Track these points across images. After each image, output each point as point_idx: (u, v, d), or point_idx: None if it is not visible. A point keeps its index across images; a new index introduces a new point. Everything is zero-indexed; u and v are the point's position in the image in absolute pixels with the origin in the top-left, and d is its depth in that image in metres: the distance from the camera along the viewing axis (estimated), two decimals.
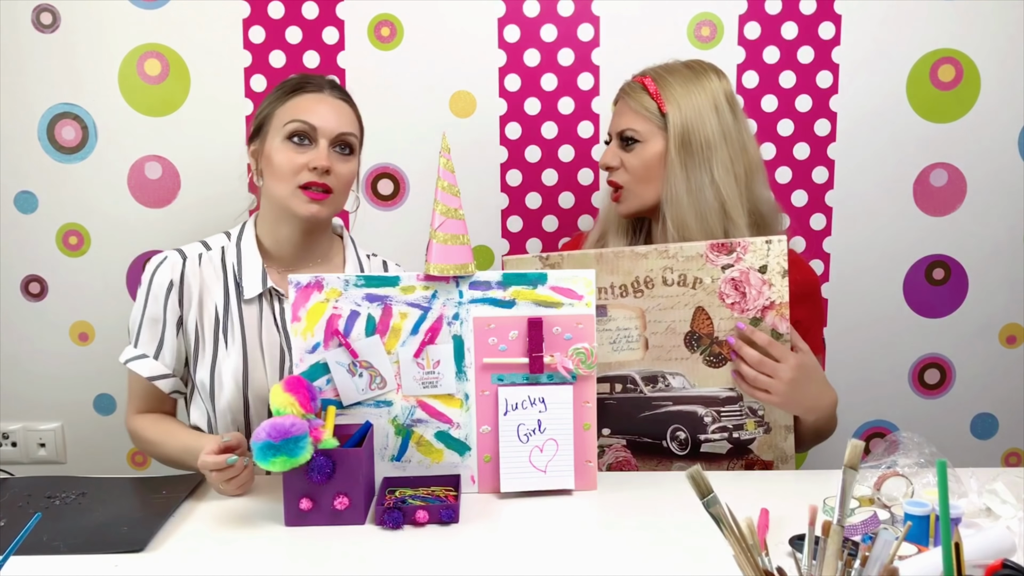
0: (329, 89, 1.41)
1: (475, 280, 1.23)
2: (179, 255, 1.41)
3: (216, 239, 1.44)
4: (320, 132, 1.35)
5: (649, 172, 1.43)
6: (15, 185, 1.82)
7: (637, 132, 1.43)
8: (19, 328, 1.87)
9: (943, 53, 1.77)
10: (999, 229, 1.84)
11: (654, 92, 1.42)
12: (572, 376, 1.23)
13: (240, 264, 1.40)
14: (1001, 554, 0.93)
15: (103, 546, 1.07)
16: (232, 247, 1.42)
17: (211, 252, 1.42)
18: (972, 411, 1.92)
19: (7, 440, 1.90)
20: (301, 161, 1.34)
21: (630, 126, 1.43)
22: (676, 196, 1.40)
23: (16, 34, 1.77)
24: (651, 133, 1.42)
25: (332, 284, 1.23)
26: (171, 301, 1.38)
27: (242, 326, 1.39)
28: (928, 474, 1.15)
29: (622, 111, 1.46)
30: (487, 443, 1.25)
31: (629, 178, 1.44)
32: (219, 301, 1.39)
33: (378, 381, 1.24)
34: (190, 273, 1.39)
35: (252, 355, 1.38)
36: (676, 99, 1.40)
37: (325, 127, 1.35)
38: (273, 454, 1.08)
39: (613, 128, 1.47)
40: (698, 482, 0.77)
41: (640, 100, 1.43)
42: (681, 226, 1.39)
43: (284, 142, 1.35)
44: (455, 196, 1.21)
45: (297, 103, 1.37)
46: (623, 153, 1.45)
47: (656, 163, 1.42)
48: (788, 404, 1.33)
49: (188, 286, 1.39)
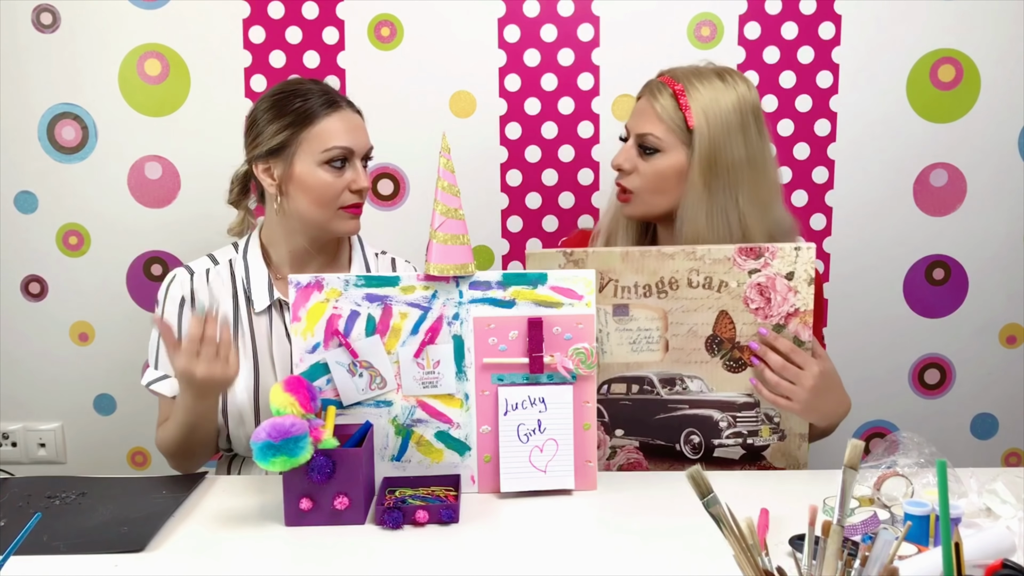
0: (346, 104, 1.41)
1: (475, 280, 1.23)
2: (187, 271, 1.43)
3: (224, 252, 1.46)
4: (354, 154, 1.37)
5: (665, 184, 1.38)
6: (15, 185, 1.83)
7: (659, 140, 1.36)
8: (19, 328, 1.87)
9: (943, 53, 1.77)
10: (999, 229, 1.84)
11: (683, 104, 1.34)
12: (572, 376, 1.23)
13: (248, 277, 1.42)
14: (1001, 554, 0.93)
15: (103, 546, 1.07)
16: (240, 260, 1.44)
17: (219, 267, 1.44)
18: (972, 411, 1.92)
19: (7, 440, 1.90)
20: (341, 184, 1.36)
21: (652, 132, 1.37)
22: (694, 216, 1.35)
23: (16, 34, 1.77)
24: (673, 144, 1.36)
25: (332, 284, 1.23)
26: (185, 316, 1.40)
27: (253, 338, 1.41)
28: (928, 474, 1.15)
29: (645, 112, 1.39)
30: (487, 443, 1.25)
31: (641, 185, 1.39)
32: (229, 315, 1.41)
33: (378, 381, 1.24)
34: (199, 287, 1.41)
35: (263, 366, 1.40)
36: (704, 114, 1.34)
37: (359, 148, 1.38)
38: (273, 454, 1.08)
39: (633, 127, 1.41)
40: (698, 482, 0.77)
41: (666, 107, 1.36)
42: (695, 242, 1.34)
43: (321, 167, 1.36)
44: (455, 196, 1.21)
45: (326, 127, 1.36)
46: (639, 159, 1.39)
47: (673, 176, 1.37)
48: (808, 411, 1.31)
49: (199, 300, 1.40)
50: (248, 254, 1.44)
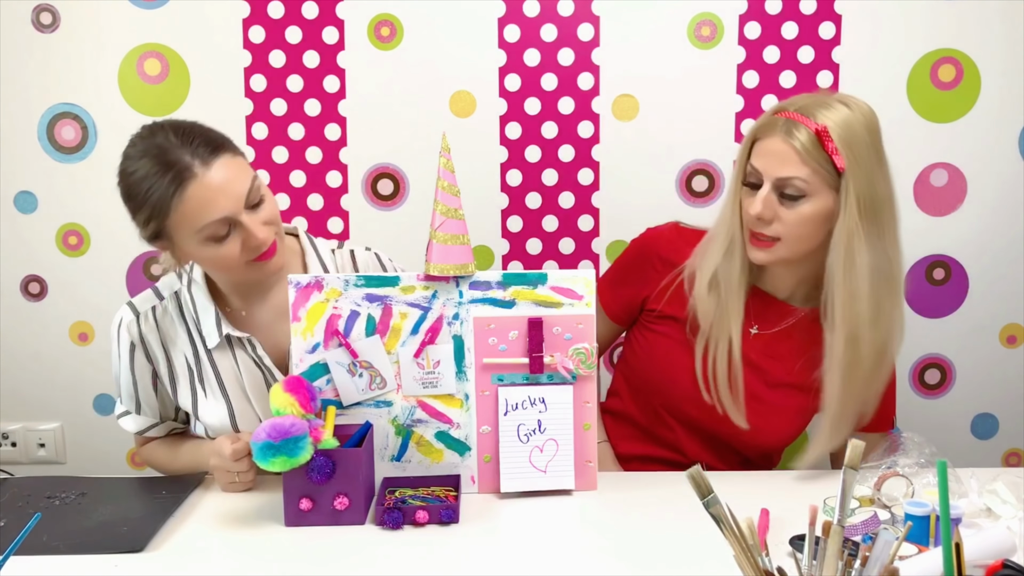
0: (198, 161, 1.16)
1: (475, 280, 1.23)
2: (132, 312, 1.32)
3: (166, 284, 1.34)
4: (235, 213, 1.17)
5: (809, 230, 1.27)
6: (15, 185, 1.82)
7: (807, 185, 1.24)
8: (19, 328, 1.87)
9: (943, 53, 1.77)
10: (999, 229, 1.84)
11: (831, 148, 1.22)
12: (572, 376, 1.23)
13: (196, 312, 1.31)
14: (1001, 554, 0.93)
15: (103, 546, 1.07)
16: (185, 292, 1.32)
17: (164, 302, 1.33)
18: (972, 411, 1.91)
19: (7, 440, 1.90)
20: (235, 251, 1.19)
21: (797, 175, 1.23)
22: (855, 268, 1.24)
23: (16, 34, 1.77)
24: (819, 188, 1.24)
25: (332, 284, 1.23)
26: (137, 361, 1.32)
27: (217, 375, 1.31)
28: (928, 474, 1.15)
29: (785, 155, 1.24)
30: (487, 443, 1.25)
31: (785, 232, 1.27)
32: (187, 351, 1.32)
33: (378, 381, 1.24)
34: (147, 330, 1.31)
35: (238, 404, 1.31)
36: (856, 156, 1.23)
37: (234, 208, 1.17)
38: (273, 454, 1.08)
39: (769, 170, 1.25)
40: (698, 482, 0.77)
41: (809, 149, 1.23)
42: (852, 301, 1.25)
43: (205, 244, 1.19)
44: (455, 196, 1.21)
45: (187, 209, 1.16)
46: (779, 206, 1.26)
47: (820, 221, 1.26)
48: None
49: (148, 343, 1.32)
50: (192, 287, 1.32)
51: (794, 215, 1.26)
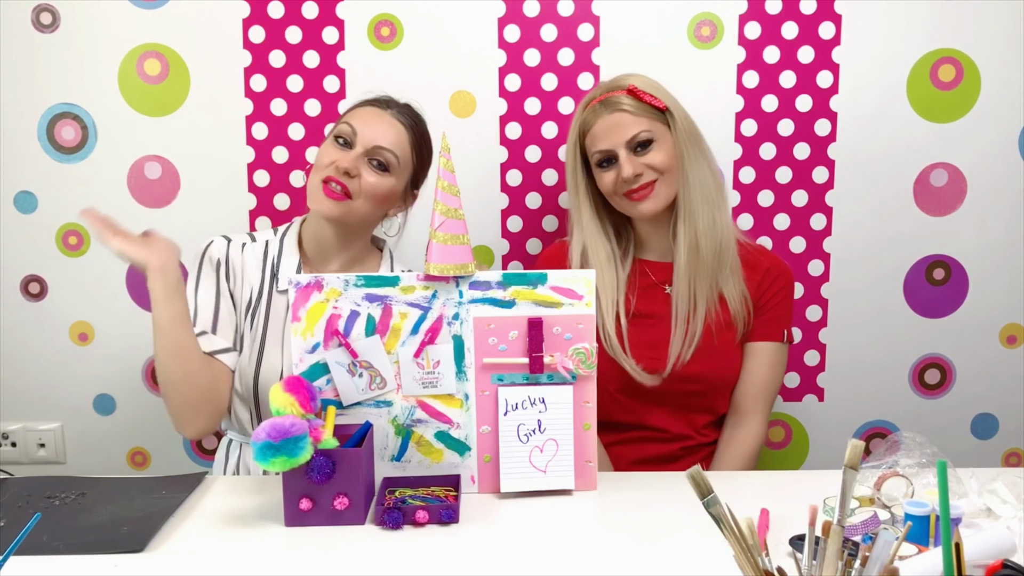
0: (394, 109, 1.47)
1: (475, 280, 1.23)
2: (224, 239, 1.49)
3: (263, 233, 1.52)
4: (359, 139, 1.41)
5: (672, 166, 1.47)
6: (15, 185, 1.82)
7: (650, 132, 1.45)
8: (19, 328, 1.87)
9: (943, 53, 1.77)
10: (999, 229, 1.84)
11: (647, 97, 1.46)
12: (572, 376, 1.23)
13: (280, 257, 1.47)
14: (1001, 554, 0.93)
15: (103, 546, 1.07)
16: (276, 241, 1.50)
17: (255, 244, 1.49)
18: (972, 411, 1.91)
19: (7, 440, 1.90)
20: (331, 158, 1.40)
21: (640, 129, 1.45)
22: (700, 185, 1.46)
23: (16, 34, 1.77)
24: (658, 130, 1.46)
25: (332, 284, 1.23)
26: (221, 275, 1.46)
27: (267, 314, 1.45)
28: (928, 474, 1.15)
29: (620, 121, 1.46)
30: (487, 443, 1.25)
31: (659, 176, 1.46)
32: (255, 287, 1.46)
33: (378, 381, 1.24)
34: (233, 254, 1.47)
35: (271, 340, 1.43)
36: (665, 96, 1.47)
37: (364, 135, 1.41)
38: (273, 454, 1.08)
39: (616, 141, 1.46)
40: (698, 482, 0.77)
41: (635, 105, 1.46)
42: (694, 216, 1.47)
43: (330, 139, 1.43)
44: (455, 196, 1.21)
45: (358, 112, 1.45)
46: (640, 159, 1.46)
47: (674, 158, 1.47)
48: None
49: (232, 264, 1.47)
50: (286, 237, 1.50)
51: (657, 156, 1.46)
